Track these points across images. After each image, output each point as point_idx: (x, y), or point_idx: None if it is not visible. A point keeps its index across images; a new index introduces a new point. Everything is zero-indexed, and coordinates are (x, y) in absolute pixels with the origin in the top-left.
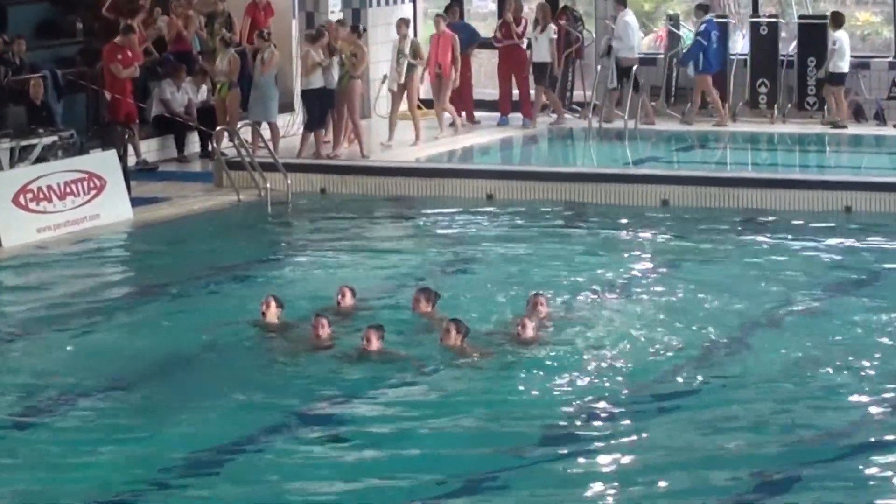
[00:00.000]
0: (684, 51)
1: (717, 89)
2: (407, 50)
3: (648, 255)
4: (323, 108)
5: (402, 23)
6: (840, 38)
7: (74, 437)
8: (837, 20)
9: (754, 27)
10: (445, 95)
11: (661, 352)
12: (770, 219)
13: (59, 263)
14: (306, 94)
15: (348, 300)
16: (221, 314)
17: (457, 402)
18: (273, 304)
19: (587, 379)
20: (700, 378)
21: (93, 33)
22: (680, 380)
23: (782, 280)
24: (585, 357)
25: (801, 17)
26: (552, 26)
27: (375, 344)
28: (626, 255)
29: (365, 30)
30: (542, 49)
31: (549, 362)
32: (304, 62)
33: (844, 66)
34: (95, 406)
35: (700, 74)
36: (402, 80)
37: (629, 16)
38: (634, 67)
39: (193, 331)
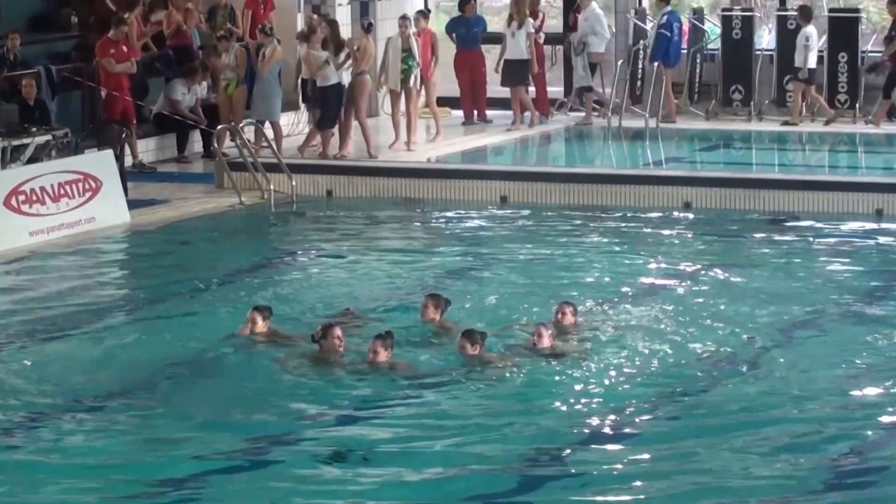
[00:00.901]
0: (650, 46)
1: (742, 85)
2: (414, 49)
3: (669, 260)
4: (339, 105)
5: (405, 20)
6: (810, 33)
7: (69, 444)
8: (806, 14)
9: (781, 21)
10: (432, 96)
11: (683, 360)
12: (797, 222)
13: (52, 268)
14: (325, 92)
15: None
16: (221, 321)
17: (465, 414)
18: (258, 319)
19: (605, 388)
20: (724, 386)
21: (88, 27)
22: (703, 388)
23: (809, 285)
24: (604, 366)
25: (831, 10)
26: (531, 20)
27: (383, 355)
28: (646, 259)
29: (371, 24)
30: (518, 45)
31: (565, 372)
32: (308, 62)
33: (813, 63)
34: (90, 413)
35: (665, 69)
36: (411, 81)
37: (597, 8)
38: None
39: (191, 339)
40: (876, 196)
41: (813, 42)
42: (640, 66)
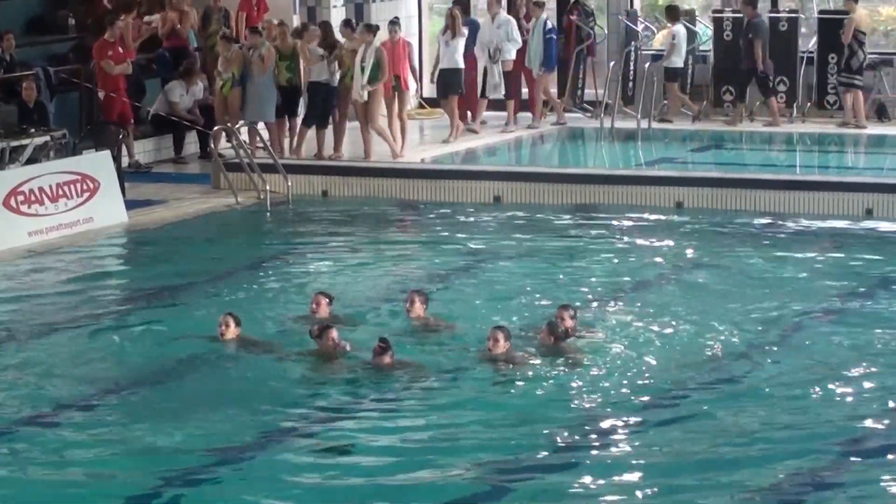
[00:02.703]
0: (540, 54)
1: (733, 86)
2: (370, 60)
3: (661, 259)
4: (326, 104)
5: (367, 29)
6: (678, 32)
7: (66, 444)
8: (674, 13)
9: (772, 23)
10: (404, 108)
11: (674, 359)
12: (788, 221)
13: (50, 268)
14: (310, 87)
15: (323, 309)
16: (217, 321)
17: (466, 412)
18: (232, 323)
19: (598, 387)
20: (715, 385)
21: (86, 29)
22: (694, 387)
23: (800, 285)
24: (596, 365)
25: (821, 11)
26: (465, 30)
27: (388, 357)
28: (638, 259)
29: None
30: (453, 55)
31: (561, 371)
32: (304, 54)
33: (679, 62)
34: (87, 413)
35: (547, 72)
36: (365, 94)
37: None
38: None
39: (188, 338)
40: (865, 196)
41: (680, 41)
42: (633, 67)
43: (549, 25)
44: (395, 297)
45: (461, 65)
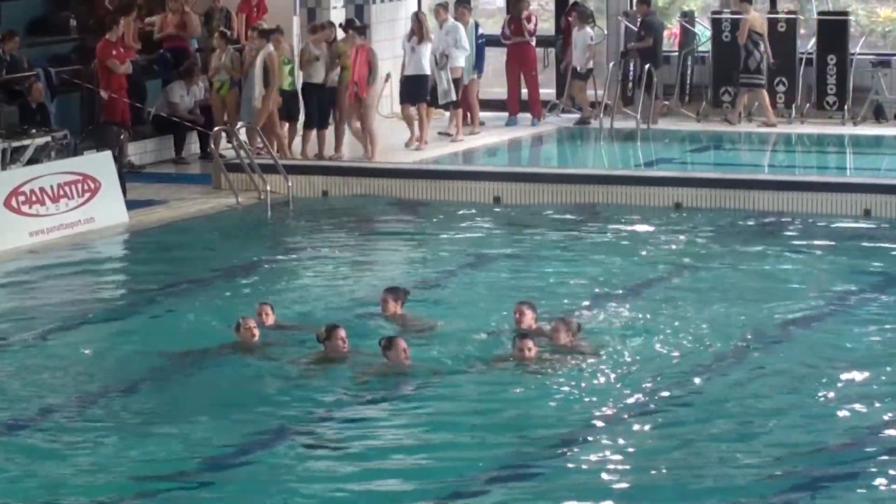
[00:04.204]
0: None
1: (732, 87)
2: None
3: (660, 260)
4: (322, 105)
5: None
6: (585, 34)
7: (66, 443)
8: (584, 16)
9: (771, 24)
10: (368, 118)
11: (673, 359)
12: (786, 222)
13: (51, 268)
14: (304, 88)
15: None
16: (218, 320)
17: (466, 412)
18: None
19: (598, 388)
20: (714, 385)
21: (87, 30)
22: (694, 387)
23: (798, 284)
24: (594, 365)
25: (820, 13)
26: (433, 35)
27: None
28: (636, 259)
29: (367, 27)
30: (419, 61)
31: (561, 371)
32: (302, 54)
33: (590, 63)
34: (88, 412)
35: (476, 79)
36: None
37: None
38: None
39: (189, 338)
40: (864, 196)
41: (583, 42)
42: (632, 68)
43: (480, 31)
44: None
45: (427, 71)
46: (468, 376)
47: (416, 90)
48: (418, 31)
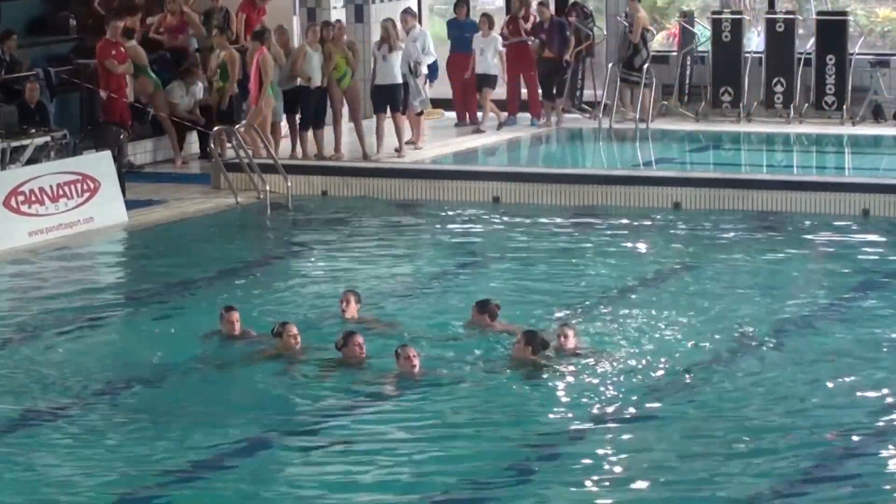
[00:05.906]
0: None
1: (731, 87)
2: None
3: (659, 260)
4: (318, 105)
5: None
6: (496, 40)
7: (64, 444)
8: (491, 22)
9: (770, 24)
10: (253, 123)
11: (673, 359)
12: (785, 222)
13: (51, 268)
14: (298, 90)
15: (353, 308)
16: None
17: (464, 413)
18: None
19: (596, 388)
20: (714, 386)
21: (86, 30)
22: (693, 387)
23: (798, 284)
24: (593, 365)
25: (819, 13)
26: (402, 44)
27: (417, 363)
28: (636, 259)
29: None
30: (390, 70)
31: (560, 372)
32: (296, 55)
33: (493, 69)
34: (86, 413)
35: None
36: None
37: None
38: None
39: (189, 337)
40: (862, 196)
41: (495, 47)
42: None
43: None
44: (396, 296)
45: (399, 80)
46: (468, 377)
47: (387, 99)
48: (388, 39)
